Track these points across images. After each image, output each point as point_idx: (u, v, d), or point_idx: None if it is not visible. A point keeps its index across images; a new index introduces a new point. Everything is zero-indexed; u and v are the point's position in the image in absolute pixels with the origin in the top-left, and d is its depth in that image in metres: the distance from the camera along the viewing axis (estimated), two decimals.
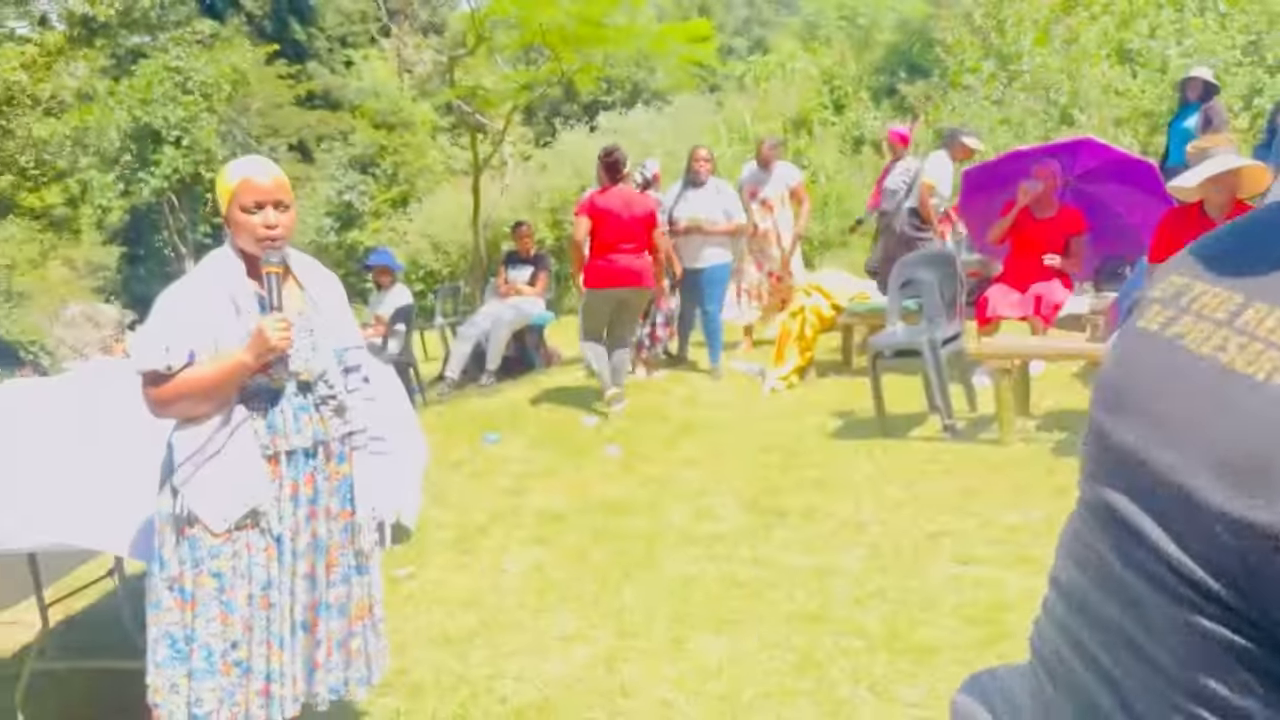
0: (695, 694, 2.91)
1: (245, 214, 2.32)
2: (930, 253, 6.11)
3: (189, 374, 2.25)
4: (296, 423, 2.37)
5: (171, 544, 2.32)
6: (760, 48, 27.87)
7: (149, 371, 2.26)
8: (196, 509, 2.27)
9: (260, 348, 2.25)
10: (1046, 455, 4.64)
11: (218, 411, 2.30)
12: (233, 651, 2.31)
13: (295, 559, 2.39)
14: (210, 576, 2.29)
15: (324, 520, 2.44)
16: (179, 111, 19.66)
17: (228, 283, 2.34)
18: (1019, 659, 2.96)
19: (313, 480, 2.41)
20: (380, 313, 8.18)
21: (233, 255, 2.37)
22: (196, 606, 2.30)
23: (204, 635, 2.29)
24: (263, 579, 2.34)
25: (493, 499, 5.08)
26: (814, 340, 6.87)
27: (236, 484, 2.28)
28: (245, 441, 2.31)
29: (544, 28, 9.29)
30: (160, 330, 2.27)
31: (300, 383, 2.39)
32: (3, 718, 3.23)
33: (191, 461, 2.28)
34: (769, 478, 4.88)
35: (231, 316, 2.31)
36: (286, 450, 2.36)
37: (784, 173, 7.82)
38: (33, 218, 19.53)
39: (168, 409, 2.30)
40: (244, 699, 2.33)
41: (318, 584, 2.44)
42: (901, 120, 12.72)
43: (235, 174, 2.34)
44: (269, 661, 2.36)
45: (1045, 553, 3.54)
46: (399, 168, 19.71)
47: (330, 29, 33.16)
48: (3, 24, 16.58)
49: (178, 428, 2.33)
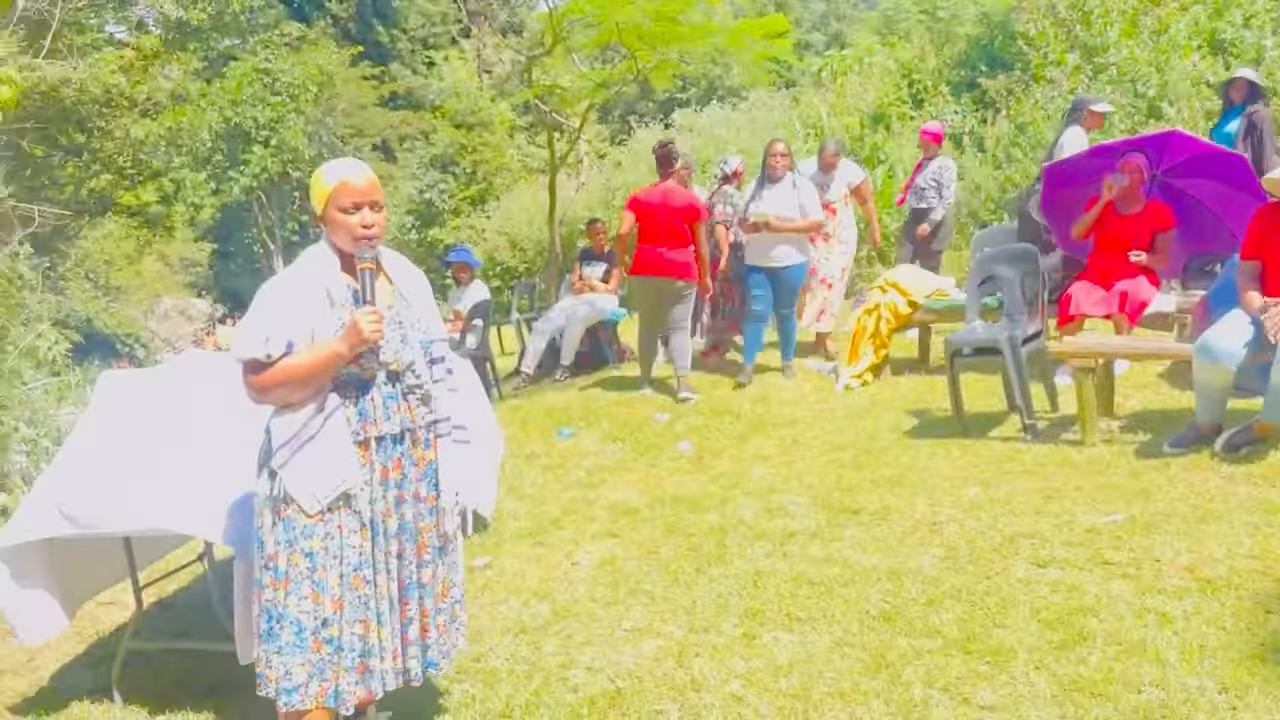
0: (766, 690, 2.91)
1: (343, 214, 2.43)
2: (1012, 248, 5.98)
3: (287, 362, 2.36)
4: (386, 410, 2.48)
5: (269, 525, 2.43)
6: (837, 42, 27.61)
7: (250, 359, 2.37)
8: (292, 490, 2.38)
9: (354, 339, 2.36)
10: (1130, 457, 4.52)
11: (313, 399, 2.41)
12: (323, 629, 2.41)
13: (386, 540, 2.50)
14: (303, 556, 2.40)
15: (412, 503, 2.54)
16: (267, 112, 20.27)
17: (324, 277, 2.45)
18: (1097, 664, 2.91)
19: (400, 465, 2.52)
20: (459, 308, 8.32)
21: (329, 251, 2.49)
22: (289, 584, 2.40)
23: (295, 612, 2.40)
24: (355, 560, 2.44)
25: (566, 492, 5.15)
26: (889, 337, 6.78)
27: (329, 467, 2.39)
28: (338, 427, 2.41)
29: (620, 26, 9.34)
30: (261, 321, 2.38)
31: (389, 372, 2.49)
32: (98, 695, 3.39)
33: (288, 446, 2.39)
34: (842, 476, 4.84)
35: (327, 309, 2.42)
36: (376, 436, 2.47)
37: (845, 172, 7.67)
38: (129, 215, 20.29)
39: (266, 395, 2.41)
40: (334, 675, 2.42)
41: (408, 564, 2.54)
42: (958, 117, 12.49)
43: (333, 176, 2.45)
44: (366, 639, 2.46)
45: (1126, 556, 3.48)
46: (478, 166, 19.99)
47: (412, 30, 33.79)
48: (102, 29, 17.23)
49: (275, 415, 2.43)
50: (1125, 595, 3.18)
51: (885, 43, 17.47)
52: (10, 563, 3.13)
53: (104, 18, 16.95)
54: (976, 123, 12.52)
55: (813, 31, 34.27)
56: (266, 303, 2.41)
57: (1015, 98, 12.05)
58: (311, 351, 2.37)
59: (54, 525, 3.03)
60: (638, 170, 14.58)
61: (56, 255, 16.75)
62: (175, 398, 3.41)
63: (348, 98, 25.03)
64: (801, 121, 14.80)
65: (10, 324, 6.09)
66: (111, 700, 3.32)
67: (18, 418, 5.60)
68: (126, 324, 20.02)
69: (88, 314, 18.13)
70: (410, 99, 29.98)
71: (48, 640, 3.56)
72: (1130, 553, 3.49)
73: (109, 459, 3.15)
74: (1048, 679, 2.76)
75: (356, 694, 2.45)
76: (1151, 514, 3.82)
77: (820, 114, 14.65)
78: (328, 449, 2.39)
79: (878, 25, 22.23)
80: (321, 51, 23.01)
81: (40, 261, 6.97)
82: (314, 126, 22.03)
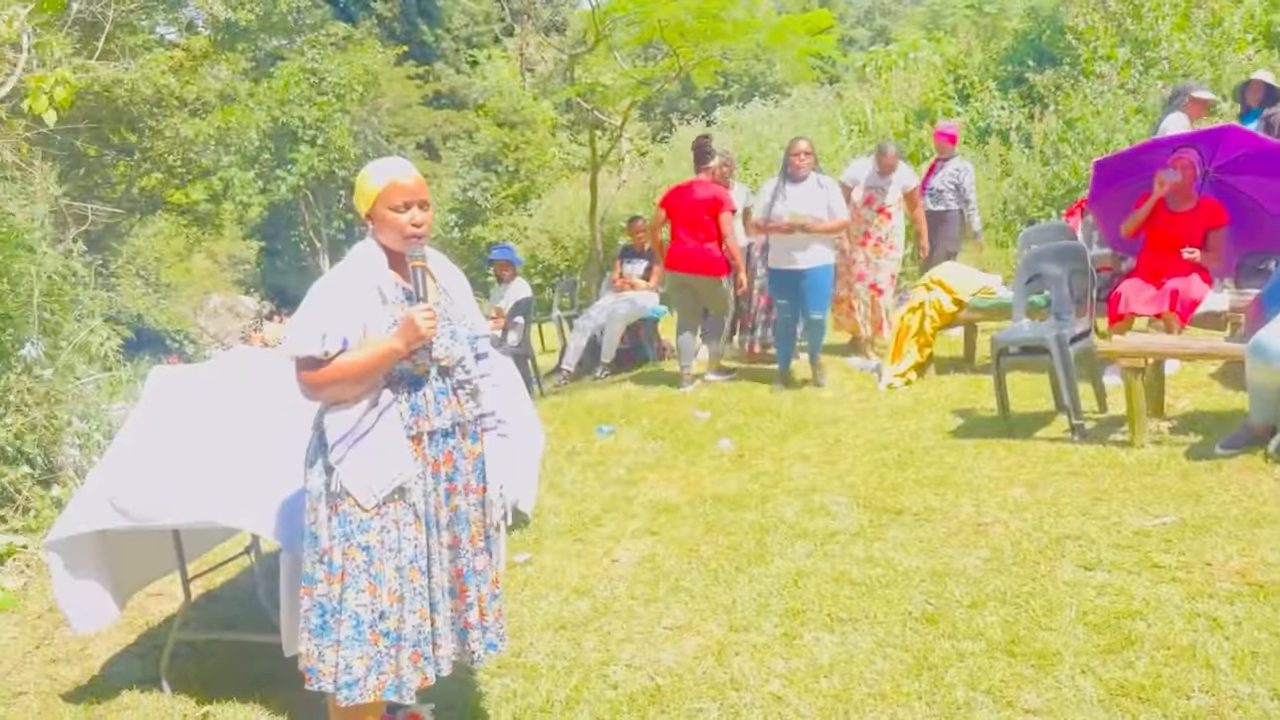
0: (806, 691, 2.89)
1: (394, 213, 2.46)
2: (1060, 246, 5.89)
3: (342, 359, 2.40)
4: (437, 405, 2.52)
5: (323, 520, 2.46)
6: (882, 38, 27.36)
7: (306, 356, 2.40)
8: (348, 485, 2.42)
9: (411, 335, 2.40)
10: (1180, 459, 4.44)
11: (366, 395, 2.44)
12: (381, 622, 2.43)
13: (439, 531, 2.54)
14: (359, 550, 2.43)
15: (464, 495, 2.58)
16: (314, 111, 20.50)
17: (374, 275, 2.49)
18: (1145, 668, 2.85)
19: (451, 458, 2.56)
20: (500, 305, 8.38)
21: (376, 249, 2.52)
22: (346, 578, 2.43)
23: (352, 605, 2.43)
24: (410, 552, 2.47)
25: (606, 489, 5.15)
26: (934, 336, 6.70)
27: (384, 461, 2.42)
28: (392, 422, 2.45)
29: (663, 23, 9.33)
30: (316, 318, 2.41)
31: (440, 368, 2.53)
32: (148, 684, 3.45)
33: (343, 442, 2.43)
34: (885, 476, 4.80)
35: (379, 306, 2.45)
36: (429, 431, 2.50)
37: (902, 176, 7.40)
38: (179, 213, 20.65)
39: (320, 392, 2.44)
40: (392, 668, 2.45)
41: (462, 553, 2.58)
42: (1005, 112, 12.29)
43: (383, 176, 2.48)
44: (421, 628, 2.49)
45: (1176, 560, 3.41)
46: (520, 165, 20.09)
47: (456, 30, 34.03)
48: (153, 30, 17.55)
49: (329, 411, 2.46)
50: (1175, 599, 3.12)
51: (931, 37, 17.28)
52: (64, 554, 3.20)
53: (155, 19, 17.26)
54: (1024, 118, 12.34)
55: (857, 27, 33.99)
56: (321, 300, 2.44)
57: (1064, 93, 11.86)
58: (367, 348, 2.41)
59: (106, 518, 3.10)
60: (679, 168, 14.56)
61: (109, 253, 17.10)
62: (224, 393, 3.46)
63: (393, 97, 25.26)
64: (845, 118, 14.69)
65: (64, 320, 6.22)
66: (160, 689, 3.38)
67: (71, 412, 5.72)
68: (176, 320, 20.37)
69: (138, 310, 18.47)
70: (454, 98, 30.21)
71: (99, 630, 3.64)
72: (1180, 556, 3.42)
73: (159, 453, 3.21)
74: (1094, 683, 2.72)
75: (414, 681, 2.48)
76: (1202, 517, 3.75)
77: (864, 110, 14.54)
78: (382, 444, 2.43)
79: (924, 20, 21.99)
80: (367, 51, 23.23)
81: (93, 259, 7.10)
82: (360, 126, 22.26)
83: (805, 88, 16.36)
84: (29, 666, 3.78)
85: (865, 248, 7.29)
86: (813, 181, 6.51)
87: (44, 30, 7.06)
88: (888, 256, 7.36)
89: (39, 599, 4.48)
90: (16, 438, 5.33)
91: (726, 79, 23.15)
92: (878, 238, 7.26)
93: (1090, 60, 11.82)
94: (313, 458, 2.51)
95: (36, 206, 6.78)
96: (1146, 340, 5.05)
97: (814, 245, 6.51)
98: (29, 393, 5.46)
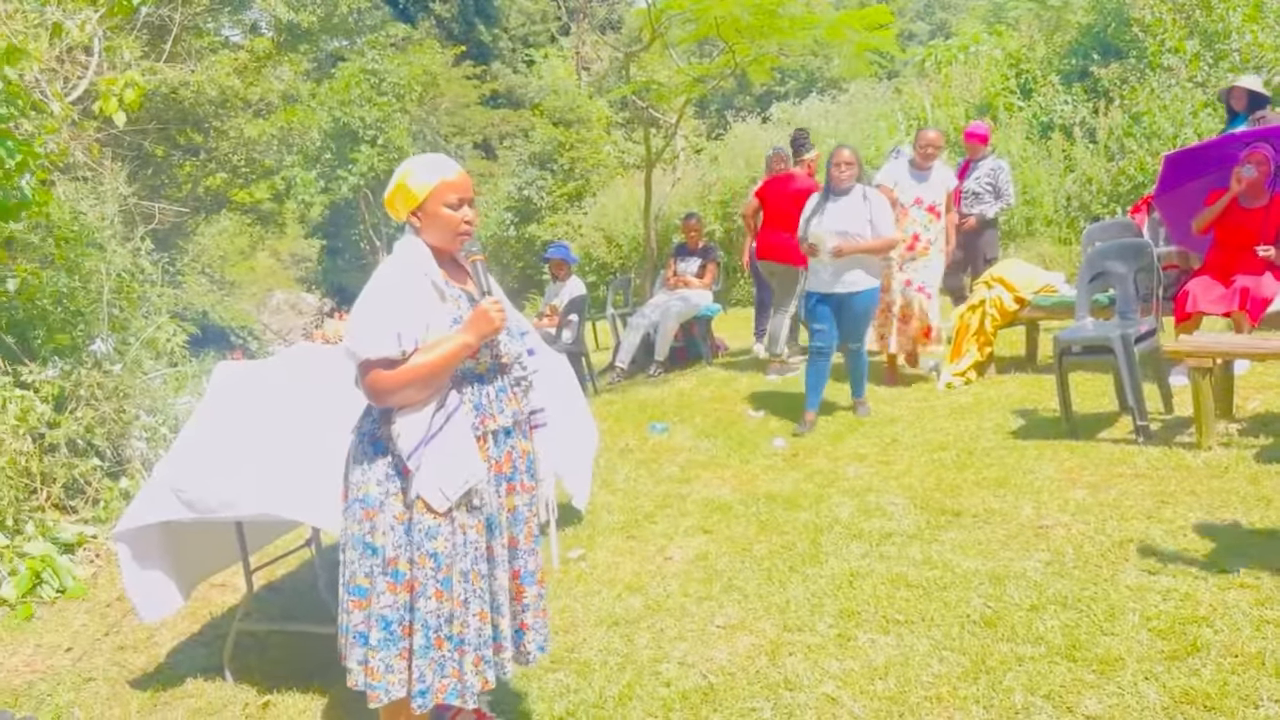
0: (861, 692, 2.86)
1: (449, 210, 2.44)
2: (1124, 243, 5.75)
3: (416, 359, 2.33)
4: (499, 403, 2.49)
5: (384, 529, 2.39)
6: (943, 32, 26.96)
7: (381, 358, 2.30)
8: (422, 491, 2.35)
9: (484, 328, 2.37)
10: (1249, 461, 4.31)
11: (434, 396, 2.38)
12: (446, 626, 2.41)
13: (501, 532, 2.52)
14: (428, 557, 2.38)
15: (520, 494, 2.57)
16: (374, 112, 20.79)
17: (428, 271, 2.43)
18: (1211, 676, 2.77)
19: (510, 457, 2.54)
20: (555, 303, 8.42)
21: (423, 246, 2.47)
22: (416, 586, 2.38)
23: (423, 614, 2.39)
24: (473, 555, 2.44)
25: (659, 487, 5.15)
26: (994, 335, 6.58)
27: (455, 464, 2.36)
28: (462, 424, 2.40)
29: (719, 20, 9.27)
30: (386, 318, 2.32)
31: (500, 364, 2.51)
32: (211, 672, 3.54)
33: (418, 448, 2.35)
34: (943, 476, 4.73)
35: (438, 303, 2.41)
36: (492, 430, 2.47)
37: (944, 175, 6.80)
38: (243, 212, 21.11)
39: (393, 396, 2.34)
40: (455, 672, 2.42)
41: (520, 554, 2.58)
42: (1068, 107, 12.02)
43: (434, 174, 2.43)
44: (482, 631, 2.46)
45: (1242, 565, 3.31)
46: (575, 163, 20.15)
47: (513, 30, 34.25)
48: (218, 32, 17.93)
49: (400, 415, 2.36)
50: (1243, 605, 3.03)
51: (992, 31, 16.97)
52: (131, 545, 3.29)
53: (220, 21, 17.62)
54: (1088, 113, 12.07)
55: (916, 21, 33.55)
56: (388, 299, 2.35)
57: (1130, 87, 11.58)
58: (437, 346, 2.34)
59: (171, 510, 3.17)
60: (734, 165, 14.50)
61: (175, 251, 17.52)
62: (286, 388, 3.51)
63: (450, 97, 25.52)
64: (904, 113, 14.50)
65: (132, 316, 6.39)
66: (223, 678, 3.46)
67: (139, 406, 5.88)
68: (240, 317, 20.82)
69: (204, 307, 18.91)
70: (510, 97, 30.41)
71: (164, 619, 3.73)
72: (1249, 561, 3.32)
73: (223, 447, 3.28)
74: (1157, 690, 2.65)
75: (476, 685, 2.45)
76: (1272, 521, 3.64)
77: (924, 105, 14.34)
78: (453, 446, 2.36)
79: (985, 14, 21.60)
80: (426, 52, 23.50)
81: (160, 257, 7.28)
82: (418, 126, 22.53)
83: (863, 83, 16.16)
84: (98, 653, 3.89)
85: (914, 250, 6.72)
86: (857, 195, 5.77)
87: (114, 34, 7.26)
88: (937, 260, 6.80)
89: (108, 588, 4.61)
90: (87, 431, 5.50)
91: (783, 75, 23.00)
92: (928, 240, 6.70)
93: (1157, 53, 11.52)
94: (362, 463, 2.44)
95: (106, 206, 6.97)
96: (1215, 340, 4.91)
97: (855, 268, 5.78)
98: (99, 387, 5.62)
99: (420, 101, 22.31)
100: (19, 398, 5.11)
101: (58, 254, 5.96)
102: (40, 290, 5.76)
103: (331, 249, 27.84)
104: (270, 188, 20.70)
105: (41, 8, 6.08)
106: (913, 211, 6.68)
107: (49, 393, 5.34)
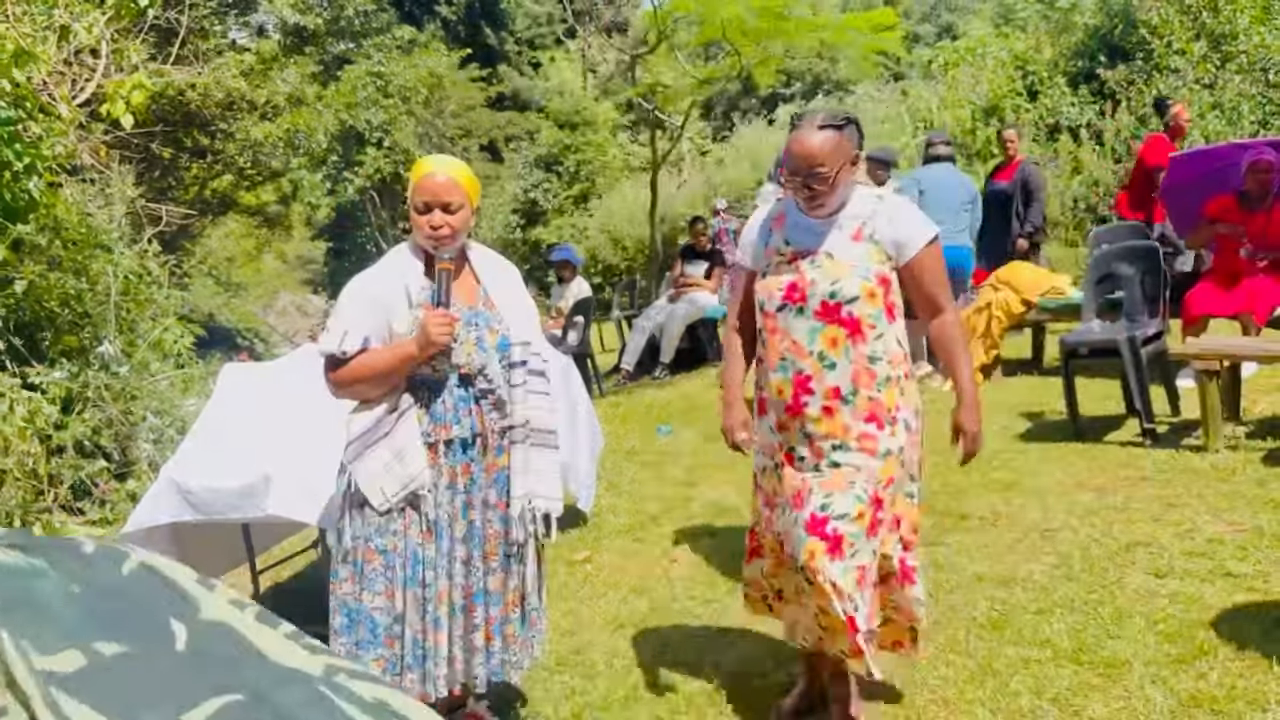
0: (867, 696, 2.86)
1: (416, 213, 2.45)
2: (1131, 245, 5.74)
3: (362, 359, 2.40)
4: (456, 414, 2.47)
5: (347, 519, 2.47)
6: (949, 34, 26.93)
7: (328, 355, 2.42)
8: (362, 487, 2.42)
9: (423, 341, 2.37)
10: (1256, 464, 4.29)
11: (388, 397, 2.44)
12: (395, 625, 2.43)
13: (453, 544, 2.48)
14: (377, 553, 2.43)
15: (480, 510, 2.51)
16: (380, 114, 20.79)
17: (406, 275, 2.46)
18: (1219, 679, 2.76)
19: (469, 470, 2.50)
20: (561, 305, 8.43)
21: (413, 249, 2.51)
22: (365, 580, 2.44)
23: (369, 607, 2.43)
24: (416, 561, 2.44)
25: (665, 489, 5.15)
26: (1001, 337, 6.57)
27: (398, 466, 2.41)
28: (409, 427, 2.43)
29: (725, 22, 9.29)
30: (340, 318, 2.44)
31: (461, 376, 2.48)
32: None
33: (359, 442, 2.43)
34: (948, 479, 4.72)
35: (405, 307, 2.43)
36: (445, 439, 2.46)
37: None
38: (249, 214, 21.13)
39: (342, 391, 2.46)
40: (403, 671, 2.44)
41: (474, 570, 2.51)
42: (1075, 109, 12.00)
43: (417, 172, 2.47)
44: (423, 643, 2.45)
45: (1252, 569, 3.30)
46: (581, 165, 20.16)
47: (520, 32, 34.26)
48: (225, 35, 17.96)
49: (353, 411, 2.48)
50: (1250, 608, 3.02)
51: (999, 33, 16.95)
52: (138, 546, 3.29)
53: (227, 24, 17.66)
54: (1095, 115, 12.05)
55: (922, 23, 33.48)
56: (346, 301, 2.46)
57: (1136, 89, 11.55)
58: (386, 350, 2.41)
59: (178, 511, 3.18)
60: (740, 167, 14.50)
61: (182, 253, 17.53)
62: (293, 390, 3.52)
63: (457, 99, 25.50)
64: (910, 115, 14.48)
65: (140, 318, 6.39)
66: None
67: (146, 407, 5.88)
68: (246, 319, 20.83)
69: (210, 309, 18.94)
70: (517, 100, 30.41)
71: None
72: (1256, 565, 3.31)
73: (230, 449, 3.28)
74: (1164, 693, 2.64)
75: (415, 693, 2.39)
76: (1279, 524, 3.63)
77: (930, 107, 14.32)
78: (398, 448, 2.41)
79: (992, 16, 21.57)
80: (432, 54, 23.48)
81: (167, 259, 7.28)
82: (425, 128, 22.51)
83: (869, 85, 16.16)
84: None
85: None
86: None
87: (121, 36, 7.28)
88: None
89: None
90: (94, 433, 5.50)
91: (789, 77, 22.94)
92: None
93: (1164, 55, 11.49)
94: (342, 457, 2.53)
95: (114, 208, 6.99)
96: (1222, 342, 4.90)
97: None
98: (106, 389, 5.62)
99: (426, 104, 22.29)
100: (26, 400, 5.11)
101: (65, 256, 5.98)
102: (48, 292, 5.76)
103: (338, 251, 27.86)
104: (277, 190, 20.72)
105: (49, 11, 6.10)
106: None
107: (56, 394, 5.35)
